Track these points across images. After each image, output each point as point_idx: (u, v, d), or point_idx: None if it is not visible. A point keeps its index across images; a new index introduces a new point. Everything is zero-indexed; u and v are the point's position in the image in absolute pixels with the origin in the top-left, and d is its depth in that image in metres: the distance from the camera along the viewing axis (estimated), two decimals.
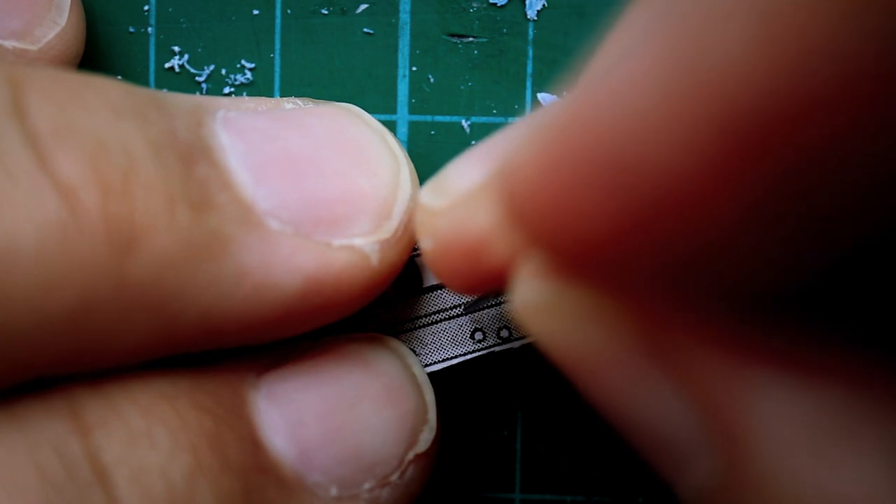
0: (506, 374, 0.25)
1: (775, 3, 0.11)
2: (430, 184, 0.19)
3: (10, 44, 0.22)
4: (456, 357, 0.23)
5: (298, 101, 0.22)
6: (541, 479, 0.25)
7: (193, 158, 0.19)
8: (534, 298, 0.17)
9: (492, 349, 0.23)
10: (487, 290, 0.19)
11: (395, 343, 0.22)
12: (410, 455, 0.21)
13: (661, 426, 0.16)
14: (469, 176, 0.19)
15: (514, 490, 0.25)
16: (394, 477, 0.21)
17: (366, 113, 0.21)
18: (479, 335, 0.23)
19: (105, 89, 0.18)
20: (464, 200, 0.18)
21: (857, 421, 0.14)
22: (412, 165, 0.21)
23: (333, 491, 0.20)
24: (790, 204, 0.12)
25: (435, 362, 0.23)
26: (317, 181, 0.20)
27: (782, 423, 0.15)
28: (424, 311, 0.23)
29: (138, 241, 0.17)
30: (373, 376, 0.21)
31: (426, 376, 0.22)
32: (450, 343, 0.23)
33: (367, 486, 0.20)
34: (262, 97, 0.22)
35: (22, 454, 0.17)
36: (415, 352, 0.23)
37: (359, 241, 0.20)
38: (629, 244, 0.14)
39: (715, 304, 0.15)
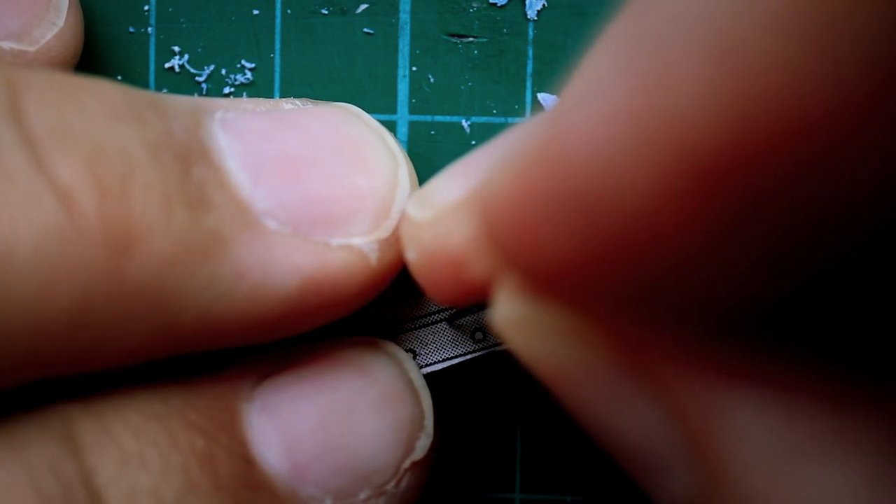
0: (506, 374, 0.25)
1: (733, 51, 0.11)
2: (415, 196, 0.20)
3: (7, 45, 0.22)
4: (457, 357, 0.23)
5: (297, 101, 0.22)
6: (541, 479, 0.25)
7: (191, 159, 0.19)
8: (512, 314, 0.17)
9: (492, 349, 0.23)
10: (469, 301, 0.19)
11: (393, 347, 0.22)
12: (407, 463, 0.21)
13: (639, 439, 0.16)
14: (453, 189, 0.19)
15: (514, 490, 0.25)
16: (390, 486, 0.21)
17: (364, 112, 0.21)
18: (479, 335, 0.23)
19: (102, 91, 0.18)
20: (446, 214, 0.18)
21: (828, 435, 0.15)
22: (411, 165, 0.21)
23: (328, 503, 0.20)
24: (754, 235, 0.13)
25: (436, 362, 0.23)
26: (315, 181, 0.20)
27: (755, 436, 0.15)
28: (425, 311, 0.23)
29: (136, 243, 0.17)
30: (369, 383, 0.21)
31: (424, 381, 0.22)
32: (450, 343, 0.23)
33: (362, 496, 0.20)
34: (261, 98, 0.22)
35: (19, 475, 0.17)
36: (415, 352, 0.23)
37: (357, 241, 0.20)
38: (599, 272, 0.14)
39: (687, 323, 0.15)
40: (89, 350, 0.17)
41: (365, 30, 0.24)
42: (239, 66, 0.24)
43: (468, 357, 0.23)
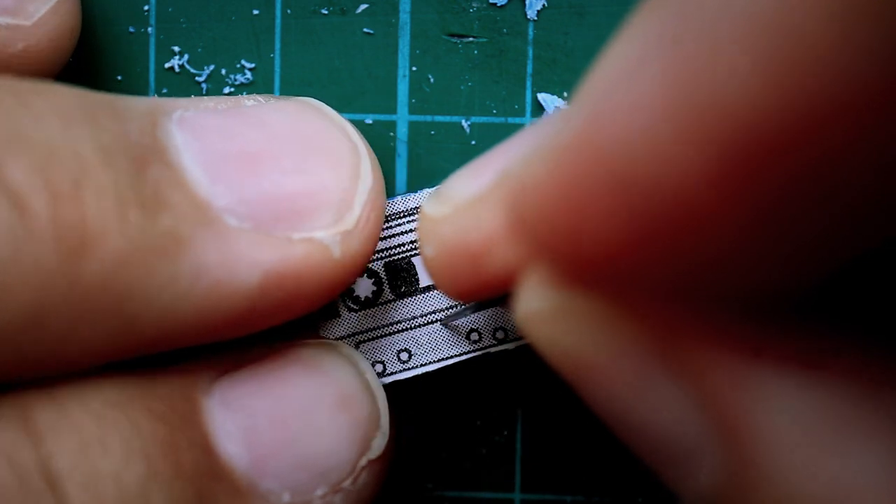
0: (505, 374, 0.25)
1: (775, 32, 0.11)
2: (432, 194, 0.20)
3: (2, 20, 0.22)
4: (452, 357, 0.23)
5: (260, 97, 0.22)
6: (541, 479, 0.25)
7: (147, 160, 0.19)
8: (540, 306, 0.17)
9: (487, 350, 0.23)
10: (484, 295, 0.19)
11: (348, 350, 0.22)
12: (363, 461, 0.21)
13: (667, 427, 0.16)
14: (470, 186, 0.19)
15: (514, 490, 0.25)
16: (346, 483, 0.21)
17: (326, 106, 0.21)
18: (475, 335, 0.23)
19: (55, 96, 0.18)
20: (466, 208, 0.18)
21: (862, 415, 0.15)
22: (374, 157, 0.21)
23: (286, 497, 0.20)
24: (793, 218, 0.13)
25: (431, 362, 0.23)
26: (275, 176, 0.20)
27: (788, 418, 0.15)
28: (421, 312, 0.23)
29: (90, 244, 0.17)
30: (326, 382, 0.21)
31: (379, 383, 0.22)
32: (446, 343, 0.23)
33: (319, 492, 0.20)
34: (222, 97, 0.22)
35: None
36: (410, 352, 0.23)
37: (320, 234, 0.20)
38: (640, 257, 0.14)
39: (720, 307, 0.15)
40: (49, 353, 0.18)
41: (365, 30, 0.24)
42: (239, 66, 0.24)
43: (463, 358, 0.23)
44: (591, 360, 0.17)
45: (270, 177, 0.20)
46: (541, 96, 0.24)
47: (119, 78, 0.25)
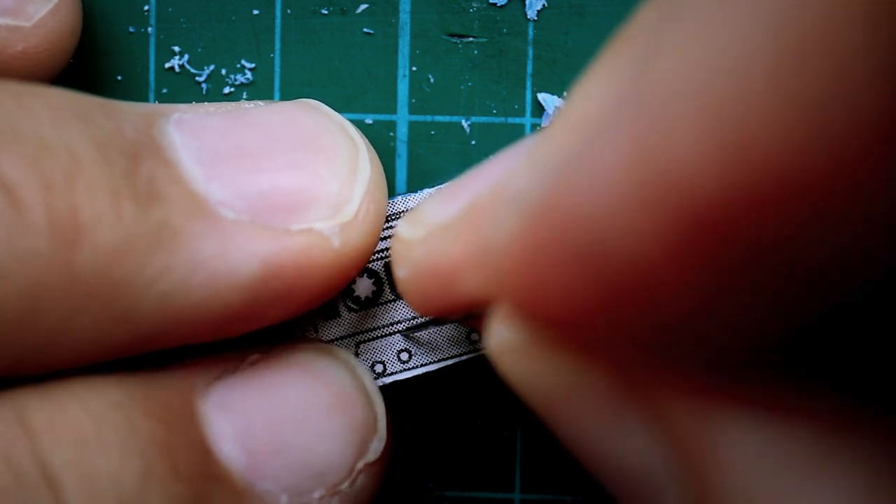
0: None
1: (733, 111, 0.12)
2: (407, 217, 0.20)
3: (2, 21, 0.22)
4: (452, 357, 0.23)
5: (261, 103, 0.22)
6: (541, 479, 0.25)
7: (141, 156, 0.19)
8: (508, 339, 0.17)
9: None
10: (455, 313, 0.19)
11: (345, 353, 0.22)
12: (360, 464, 0.21)
13: (631, 462, 0.17)
14: (444, 211, 0.19)
15: (514, 490, 0.25)
16: (344, 486, 0.21)
17: (323, 105, 0.21)
18: (475, 336, 0.23)
19: (50, 96, 0.19)
20: (438, 232, 0.19)
21: (825, 458, 0.15)
22: (373, 150, 0.21)
23: (283, 499, 0.20)
24: (750, 285, 0.13)
25: (431, 362, 0.23)
26: (273, 172, 0.20)
27: (749, 457, 0.15)
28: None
29: (84, 234, 0.17)
30: (321, 385, 0.21)
31: (376, 386, 0.22)
32: (446, 343, 0.23)
33: (316, 494, 0.20)
34: (223, 103, 0.22)
35: None
36: (410, 352, 0.23)
37: (318, 225, 0.20)
38: (601, 319, 0.14)
39: (684, 356, 0.15)
40: (44, 345, 0.18)
41: (365, 30, 0.24)
42: (239, 66, 0.24)
43: (463, 358, 0.23)
44: (557, 396, 0.17)
45: (267, 173, 0.20)
46: (541, 96, 0.24)
47: (119, 78, 0.25)
